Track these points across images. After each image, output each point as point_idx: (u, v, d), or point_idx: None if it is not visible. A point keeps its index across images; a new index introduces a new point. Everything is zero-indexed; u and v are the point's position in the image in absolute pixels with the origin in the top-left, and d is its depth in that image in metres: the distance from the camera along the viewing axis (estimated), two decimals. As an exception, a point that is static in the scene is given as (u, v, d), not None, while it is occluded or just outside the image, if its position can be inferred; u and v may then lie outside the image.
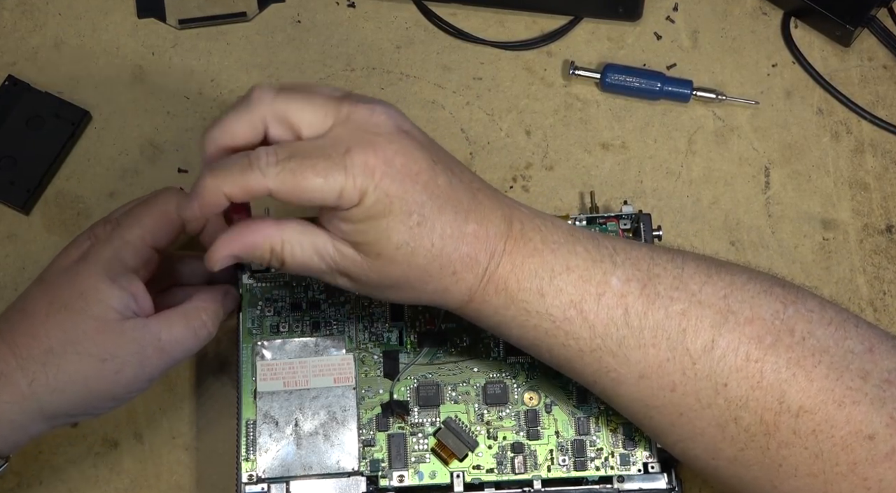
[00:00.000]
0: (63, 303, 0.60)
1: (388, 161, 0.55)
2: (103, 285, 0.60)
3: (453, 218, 0.56)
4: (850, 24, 0.77)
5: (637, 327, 0.57)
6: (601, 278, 0.58)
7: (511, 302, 0.58)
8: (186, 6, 0.80)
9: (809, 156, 0.77)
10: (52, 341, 0.59)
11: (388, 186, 0.54)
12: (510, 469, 0.65)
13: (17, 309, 0.61)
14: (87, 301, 0.60)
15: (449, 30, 0.80)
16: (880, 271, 0.74)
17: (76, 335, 0.59)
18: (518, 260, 0.58)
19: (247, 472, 0.65)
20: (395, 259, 0.56)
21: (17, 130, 0.76)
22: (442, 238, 0.56)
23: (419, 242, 0.56)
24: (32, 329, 0.60)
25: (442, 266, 0.57)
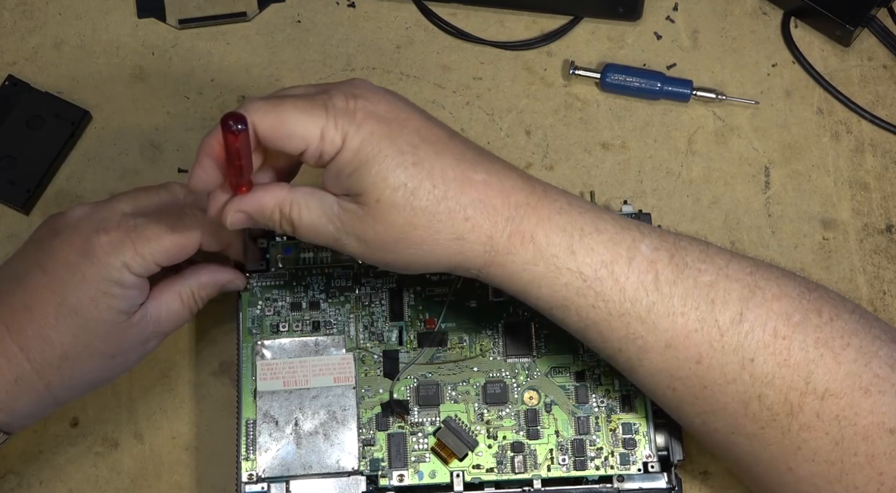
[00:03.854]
0: (73, 307, 0.59)
1: (371, 107, 0.55)
2: (113, 291, 0.60)
3: (455, 163, 0.56)
4: (850, 23, 0.77)
5: (667, 294, 0.57)
6: (631, 243, 0.58)
7: (540, 257, 0.57)
8: (186, 6, 0.80)
9: (809, 156, 0.77)
10: (66, 347, 0.59)
11: (372, 126, 0.54)
12: (510, 469, 0.65)
13: (22, 305, 0.60)
14: (97, 307, 0.59)
15: (449, 30, 0.80)
16: (880, 270, 0.74)
17: (87, 339, 0.60)
18: (544, 214, 0.57)
19: (247, 471, 0.65)
20: (395, 202, 0.55)
21: (17, 130, 0.76)
22: (444, 181, 0.55)
23: (418, 182, 0.55)
24: (44, 333, 0.59)
25: (451, 210, 0.56)
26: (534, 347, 0.68)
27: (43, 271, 0.60)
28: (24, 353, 0.59)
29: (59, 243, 0.60)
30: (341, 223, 0.57)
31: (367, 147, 0.54)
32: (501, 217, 0.57)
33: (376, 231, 0.56)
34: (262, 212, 0.57)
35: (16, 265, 0.62)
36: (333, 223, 0.57)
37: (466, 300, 0.69)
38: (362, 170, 0.55)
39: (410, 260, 0.58)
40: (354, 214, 0.56)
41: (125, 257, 0.59)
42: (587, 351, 0.68)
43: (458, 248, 0.57)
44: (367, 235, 0.56)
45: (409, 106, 0.57)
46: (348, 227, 0.57)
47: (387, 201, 0.55)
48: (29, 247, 0.62)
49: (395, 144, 0.55)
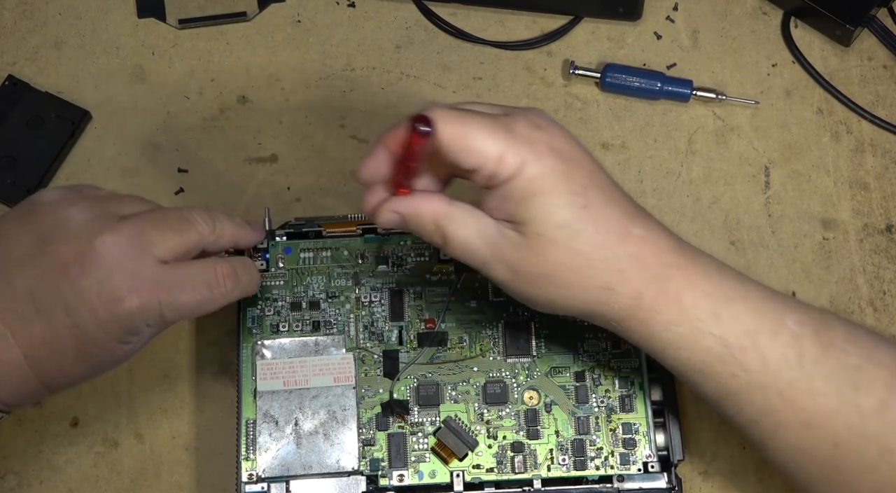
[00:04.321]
0: (91, 351, 0.57)
1: (551, 141, 0.55)
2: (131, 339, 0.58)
3: (619, 216, 0.56)
4: (850, 23, 0.77)
5: (810, 372, 0.56)
6: (776, 315, 0.57)
7: (684, 318, 0.57)
8: (186, 6, 0.80)
9: (809, 156, 0.77)
10: (79, 376, 0.59)
11: (550, 161, 0.54)
12: (510, 469, 0.65)
13: (42, 341, 0.56)
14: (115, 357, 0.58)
15: (449, 30, 0.80)
16: (880, 270, 0.74)
17: (99, 368, 0.59)
18: (693, 277, 0.57)
19: (247, 471, 0.65)
20: (556, 240, 0.55)
21: (17, 130, 0.76)
22: (607, 230, 0.55)
23: (582, 225, 0.55)
24: (63, 368, 0.57)
25: (606, 259, 0.56)
26: (534, 347, 0.68)
27: (66, 311, 0.56)
28: (39, 378, 0.58)
29: (88, 287, 0.56)
30: (496, 248, 0.56)
31: (542, 180, 0.54)
32: (652, 274, 0.56)
33: (529, 263, 0.56)
34: (417, 219, 0.57)
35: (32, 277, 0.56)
36: (487, 247, 0.56)
37: (466, 300, 0.69)
38: (532, 201, 0.55)
39: (553, 299, 0.58)
40: (511, 242, 0.56)
41: (150, 319, 0.57)
42: (587, 351, 0.68)
43: (605, 298, 0.57)
44: (519, 265, 0.56)
45: (581, 147, 0.57)
46: (502, 253, 0.56)
47: (548, 237, 0.55)
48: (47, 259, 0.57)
49: (569, 183, 0.55)
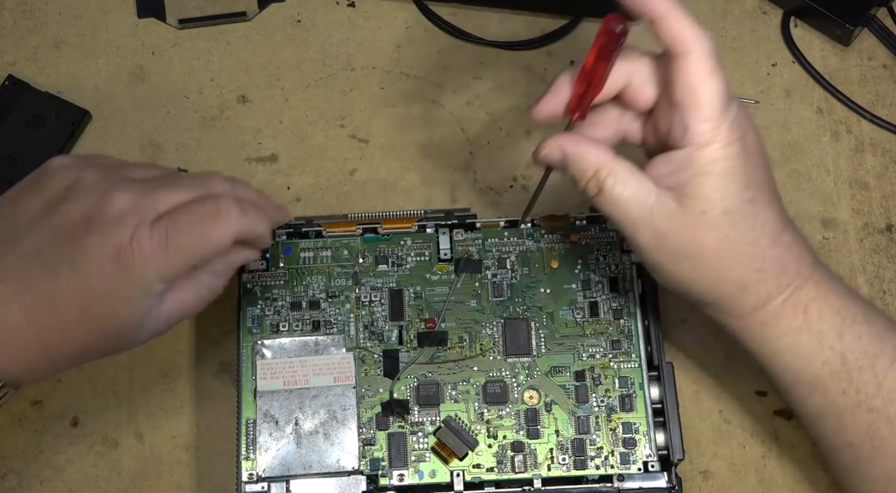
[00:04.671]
0: (96, 314, 0.55)
1: (746, 133, 0.56)
2: (138, 301, 0.56)
3: (776, 218, 0.57)
4: (850, 23, 0.77)
5: None
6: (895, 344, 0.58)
7: (807, 328, 0.57)
8: (186, 6, 0.80)
9: (809, 155, 0.77)
10: (81, 346, 0.57)
11: (740, 149, 0.55)
12: (510, 468, 0.65)
13: (45, 300, 0.55)
14: (118, 317, 0.56)
15: (449, 30, 0.80)
16: (880, 270, 0.74)
17: (102, 341, 0.57)
18: (823, 291, 0.58)
19: (247, 471, 0.65)
20: (716, 224, 0.55)
21: (17, 130, 0.76)
22: (763, 229, 0.56)
23: (744, 216, 0.55)
24: (64, 331, 0.56)
25: (752, 256, 0.56)
26: (534, 347, 0.68)
27: (72, 269, 0.55)
28: (41, 342, 0.56)
29: (91, 243, 0.55)
30: (650, 214, 0.56)
31: (726, 163, 0.55)
32: (787, 281, 0.57)
33: (680, 237, 0.56)
34: (580, 162, 0.57)
35: (39, 238, 0.56)
36: (641, 210, 0.56)
37: (466, 300, 0.69)
38: (707, 178, 0.55)
39: (688, 279, 0.58)
40: (668, 212, 0.56)
41: (159, 269, 0.55)
42: (587, 351, 0.68)
43: (737, 293, 0.58)
44: (668, 237, 0.56)
45: (764, 150, 0.58)
46: (654, 220, 0.56)
47: (710, 219, 0.55)
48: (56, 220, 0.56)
49: (747, 175, 0.55)
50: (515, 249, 0.70)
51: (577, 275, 0.69)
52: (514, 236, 0.70)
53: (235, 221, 0.57)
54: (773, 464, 0.70)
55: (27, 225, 0.56)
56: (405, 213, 0.71)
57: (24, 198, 0.57)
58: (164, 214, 0.56)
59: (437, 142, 0.77)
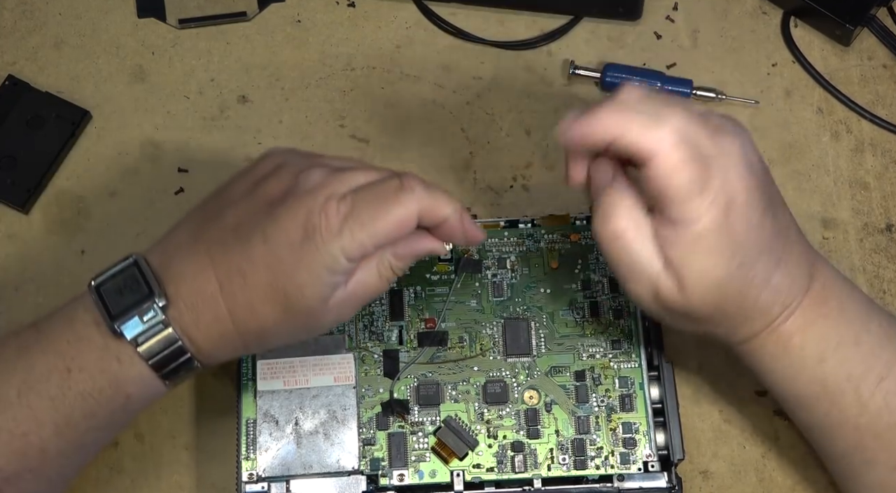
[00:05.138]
0: (282, 288, 0.55)
1: (733, 198, 0.54)
2: (324, 277, 0.55)
3: (765, 266, 0.56)
4: (850, 23, 0.77)
5: None
6: (888, 360, 0.57)
7: (786, 355, 0.58)
8: (186, 6, 0.80)
9: (809, 155, 0.77)
10: (267, 322, 0.57)
11: (723, 222, 0.54)
12: (510, 468, 0.65)
13: (238, 269, 0.55)
14: (303, 294, 0.55)
15: (449, 30, 0.80)
16: (880, 270, 0.74)
17: (287, 319, 0.57)
18: (810, 319, 0.57)
19: (247, 471, 0.65)
20: (706, 294, 0.55)
21: (17, 130, 0.76)
22: (750, 285, 0.56)
23: (732, 282, 0.55)
24: (252, 304, 0.56)
25: (739, 309, 0.57)
26: (534, 347, 0.68)
27: (264, 239, 0.55)
28: (231, 316, 0.56)
29: (285, 213, 0.55)
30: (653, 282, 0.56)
31: (709, 240, 0.54)
32: (771, 318, 0.57)
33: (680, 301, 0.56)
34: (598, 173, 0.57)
35: (240, 211, 0.57)
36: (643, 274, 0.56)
37: (466, 300, 0.69)
38: (694, 257, 0.55)
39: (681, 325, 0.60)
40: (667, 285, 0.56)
41: (343, 243, 0.55)
42: (587, 351, 0.68)
43: (722, 333, 0.59)
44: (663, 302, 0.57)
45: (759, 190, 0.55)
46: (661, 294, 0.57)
47: (700, 291, 0.55)
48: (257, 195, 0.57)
49: (733, 243, 0.54)
50: (515, 249, 0.70)
51: (577, 275, 0.69)
52: (514, 236, 0.70)
53: (419, 195, 0.56)
54: (773, 464, 0.70)
55: (233, 201, 0.58)
56: (405, 213, 0.71)
57: (236, 181, 0.59)
58: (352, 190, 0.56)
59: (437, 142, 0.77)
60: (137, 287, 0.56)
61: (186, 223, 0.59)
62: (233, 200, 0.58)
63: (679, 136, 0.53)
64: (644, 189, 0.55)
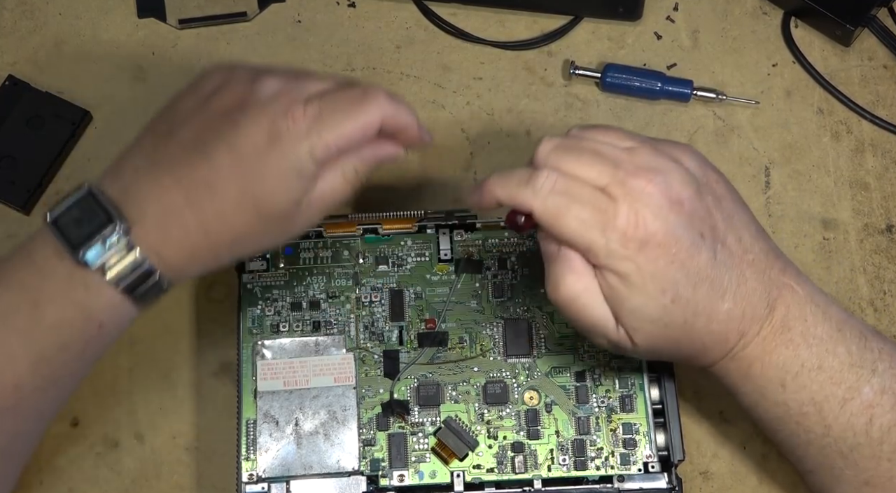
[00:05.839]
0: (253, 195, 0.56)
1: (648, 237, 0.54)
2: (292, 181, 0.56)
3: (708, 296, 0.56)
4: (851, 23, 0.77)
5: (877, 439, 0.57)
6: (853, 383, 0.57)
7: (748, 382, 0.58)
8: (186, 6, 0.80)
9: (810, 156, 0.77)
10: (239, 231, 0.57)
11: (641, 262, 0.54)
12: (510, 469, 0.65)
13: (204, 182, 0.56)
14: (274, 198, 0.57)
15: (449, 30, 0.80)
16: (880, 270, 0.74)
17: (259, 226, 0.58)
18: (770, 347, 0.57)
19: (247, 471, 0.65)
20: (646, 330, 0.56)
21: (17, 130, 0.76)
22: (695, 315, 0.56)
23: (672, 318, 0.56)
24: (222, 215, 0.56)
25: (692, 340, 0.57)
26: (534, 347, 0.68)
27: (230, 149, 0.56)
28: (203, 229, 0.56)
29: (247, 122, 0.56)
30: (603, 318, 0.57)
31: (633, 278, 0.55)
32: (729, 346, 0.57)
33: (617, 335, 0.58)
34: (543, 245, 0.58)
35: (196, 126, 0.57)
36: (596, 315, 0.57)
37: (466, 300, 0.69)
38: (622, 300, 0.55)
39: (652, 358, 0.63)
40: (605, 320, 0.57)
41: (312, 144, 0.56)
42: (587, 351, 0.68)
43: (681, 360, 0.60)
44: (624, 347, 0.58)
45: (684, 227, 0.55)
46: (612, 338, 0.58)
47: (639, 328, 0.56)
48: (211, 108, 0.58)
49: (658, 281, 0.55)
50: (516, 249, 0.70)
51: (577, 275, 0.69)
52: (514, 237, 0.70)
53: (384, 103, 0.58)
54: (773, 465, 0.70)
55: (185, 118, 0.58)
56: (405, 213, 0.71)
57: (182, 99, 0.60)
58: (314, 95, 0.57)
59: (437, 142, 0.77)
60: (95, 215, 0.56)
61: (138, 148, 0.59)
62: (184, 117, 0.58)
63: (550, 189, 0.55)
64: None
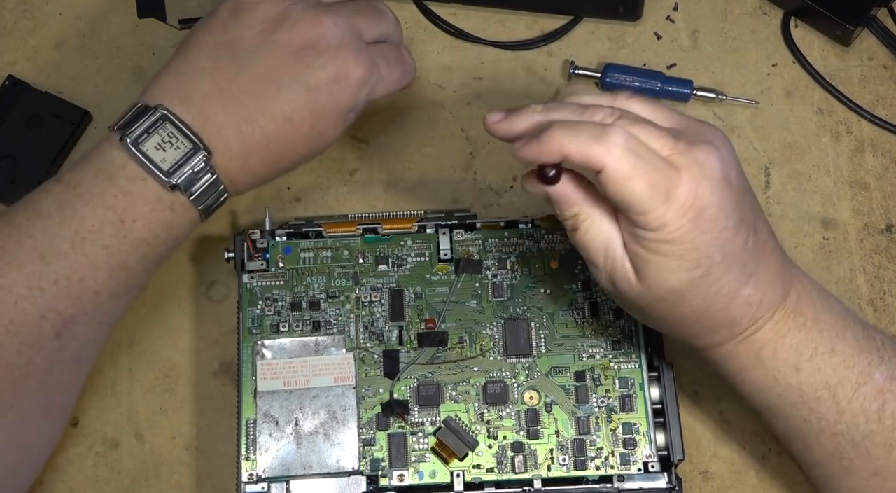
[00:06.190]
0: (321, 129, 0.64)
1: (703, 210, 0.54)
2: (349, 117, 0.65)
3: (735, 279, 0.56)
4: (850, 23, 0.77)
5: (889, 426, 0.57)
6: (864, 368, 0.58)
7: (760, 366, 0.58)
8: (186, 6, 0.80)
9: (809, 156, 0.77)
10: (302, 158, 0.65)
11: (689, 232, 0.54)
12: (510, 469, 0.65)
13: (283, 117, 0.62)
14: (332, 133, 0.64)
15: (449, 30, 0.80)
16: (880, 270, 0.74)
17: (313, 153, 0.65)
18: (783, 331, 0.58)
19: (247, 471, 0.65)
20: (664, 298, 0.56)
21: (17, 130, 0.76)
22: (716, 295, 0.56)
23: (694, 292, 0.55)
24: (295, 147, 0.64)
25: (703, 317, 0.57)
26: (534, 347, 0.68)
27: (307, 89, 0.62)
28: (276, 158, 0.63)
29: (322, 66, 0.63)
30: (611, 267, 0.57)
31: (674, 247, 0.54)
32: (739, 330, 0.57)
33: (631, 297, 0.57)
34: (560, 203, 0.57)
35: (267, 60, 0.63)
36: (605, 260, 0.57)
37: (466, 301, 0.69)
38: (657, 257, 0.55)
39: (645, 320, 0.61)
40: (625, 274, 0.56)
41: (367, 91, 0.64)
42: (587, 351, 0.68)
43: (689, 339, 0.59)
44: (622, 292, 0.57)
45: (733, 205, 0.55)
46: (614, 274, 0.57)
47: (658, 294, 0.56)
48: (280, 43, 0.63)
49: (698, 255, 0.54)
50: (515, 249, 0.70)
51: (577, 275, 0.69)
52: (514, 237, 0.70)
53: (412, 72, 0.69)
54: (773, 464, 0.70)
55: (250, 49, 0.63)
56: (405, 213, 0.71)
57: (234, 27, 0.63)
58: (371, 44, 0.66)
59: (437, 142, 0.77)
60: (179, 142, 0.61)
61: (199, 71, 0.62)
62: (249, 47, 0.63)
63: (625, 147, 0.53)
64: None
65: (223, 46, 0.63)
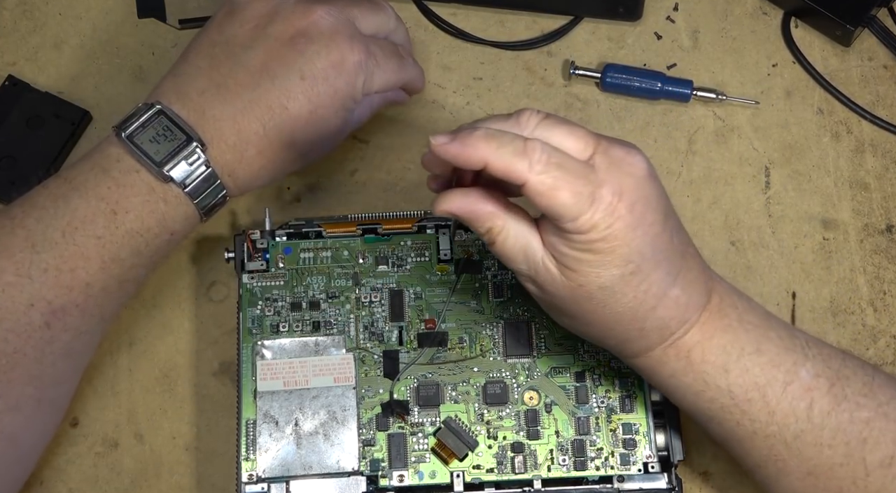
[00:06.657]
0: (321, 116, 0.65)
1: (630, 206, 0.54)
2: (349, 105, 0.66)
3: (663, 277, 0.56)
4: (851, 23, 0.77)
5: (818, 424, 0.57)
6: (791, 366, 0.58)
7: (690, 370, 0.58)
8: (186, 6, 0.80)
9: (809, 156, 0.77)
10: (306, 148, 0.66)
11: (619, 229, 0.54)
12: (510, 469, 0.65)
13: (280, 106, 0.63)
14: (336, 117, 0.66)
15: (449, 30, 0.80)
16: (880, 270, 0.74)
17: (319, 143, 0.66)
18: (709, 333, 0.58)
19: (247, 472, 0.65)
20: (593, 297, 0.56)
21: (17, 130, 0.76)
22: (646, 294, 0.56)
23: (624, 289, 0.55)
24: (294, 135, 0.64)
25: (634, 319, 0.56)
26: (534, 347, 0.68)
27: (301, 77, 0.64)
28: (274, 148, 0.64)
29: (316, 52, 0.64)
30: (534, 272, 0.56)
31: (604, 244, 0.54)
32: (668, 333, 0.57)
33: (560, 298, 0.57)
34: (473, 220, 0.56)
35: (260, 52, 0.64)
36: (528, 266, 0.57)
37: (466, 300, 0.69)
38: (587, 256, 0.54)
39: (571, 328, 0.60)
40: (551, 277, 0.56)
41: (365, 78, 0.66)
42: (587, 351, 0.68)
43: (618, 345, 0.59)
44: (550, 296, 0.57)
45: (658, 201, 0.55)
46: (539, 278, 0.56)
47: (587, 292, 0.55)
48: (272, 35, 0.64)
49: (628, 251, 0.54)
50: (515, 249, 0.70)
51: (577, 276, 0.69)
52: (514, 237, 0.70)
53: (412, 68, 0.71)
54: (772, 465, 0.70)
55: (244, 45, 0.64)
56: (405, 213, 0.71)
57: (228, 27, 0.65)
58: (367, 36, 0.67)
59: (438, 142, 0.77)
60: (173, 134, 0.62)
61: (195, 70, 0.64)
62: (243, 42, 0.64)
63: (546, 162, 0.53)
64: None
65: (219, 45, 0.65)
